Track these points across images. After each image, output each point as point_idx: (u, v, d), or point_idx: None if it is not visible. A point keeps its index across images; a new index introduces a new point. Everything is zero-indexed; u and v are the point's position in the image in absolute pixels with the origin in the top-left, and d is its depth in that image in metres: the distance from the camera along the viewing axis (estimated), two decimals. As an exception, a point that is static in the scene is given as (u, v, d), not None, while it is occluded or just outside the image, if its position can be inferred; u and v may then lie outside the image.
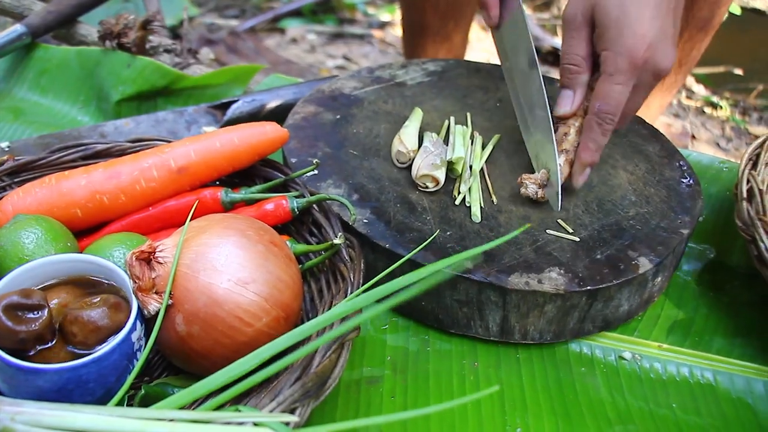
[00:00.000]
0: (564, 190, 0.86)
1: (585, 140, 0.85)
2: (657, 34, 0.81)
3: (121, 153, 0.84)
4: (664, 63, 0.82)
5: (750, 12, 2.10)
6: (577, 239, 0.82)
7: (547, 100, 0.87)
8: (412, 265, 0.76)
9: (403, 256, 0.76)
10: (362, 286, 0.68)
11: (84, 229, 0.78)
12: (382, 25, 2.77)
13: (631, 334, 0.86)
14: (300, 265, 0.74)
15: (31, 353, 0.59)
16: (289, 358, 0.51)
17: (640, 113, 1.61)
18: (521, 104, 0.95)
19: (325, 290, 0.73)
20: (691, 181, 0.94)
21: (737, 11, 1.46)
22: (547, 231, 0.82)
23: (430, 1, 1.61)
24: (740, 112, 2.58)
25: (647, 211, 0.88)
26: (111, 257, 0.69)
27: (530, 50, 0.90)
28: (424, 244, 0.78)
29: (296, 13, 2.75)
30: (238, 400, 0.59)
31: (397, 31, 2.71)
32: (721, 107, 2.57)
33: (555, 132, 0.87)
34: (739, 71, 2.68)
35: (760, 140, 0.94)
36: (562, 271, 0.77)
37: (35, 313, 0.59)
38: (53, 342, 0.60)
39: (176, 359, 0.66)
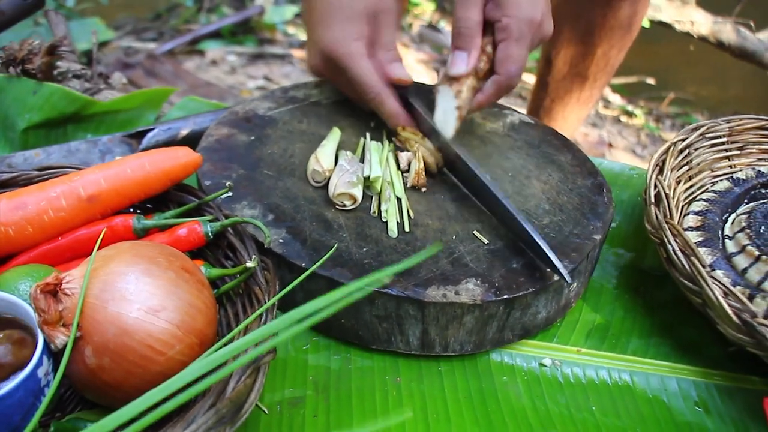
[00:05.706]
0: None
1: (491, 95, 0.95)
2: (545, 4, 0.94)
3: (28, 182, 0.81)
4: (549, 29, 0.96)
5: (658, 25, 2.20)
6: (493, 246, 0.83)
7: None
8: (330, 282, 0.76)
9: (321, 276, 0.76)
10: (277, 306, 0.67)
11: (-12, 263, 0.75)
12: (303, 44, 2.77)
13: (550, 341, 0.88)
14: (216, 290, 0.73)
15: (-71, 396, 0.56)
16: (202, 383, 0.50)
17: (558, 126, 1.67)
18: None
19: (242, 314, 0.72)
20: (602, 188, 0.97)
21: (646, 24, 1.52)
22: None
23: None
24: (654, 120, 2.67)
25: (561, 218, 0.90)
26: (16, 291, 0.66)
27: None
28: (326, 255, 0.77)
29: (216, 35, 2.73)
30: (152, 432, 0.58)
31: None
32: (635, 115, 2.66)
33: (450, 88, 0.94)
34: (651, 81, 2.78)
35: (664, 147, 0.97)
36: (478, 282, 0.78)
37: (-68, 353, 0.56)
38: (-48, 383, 0.58)
39: (88, 393, 0.64)
